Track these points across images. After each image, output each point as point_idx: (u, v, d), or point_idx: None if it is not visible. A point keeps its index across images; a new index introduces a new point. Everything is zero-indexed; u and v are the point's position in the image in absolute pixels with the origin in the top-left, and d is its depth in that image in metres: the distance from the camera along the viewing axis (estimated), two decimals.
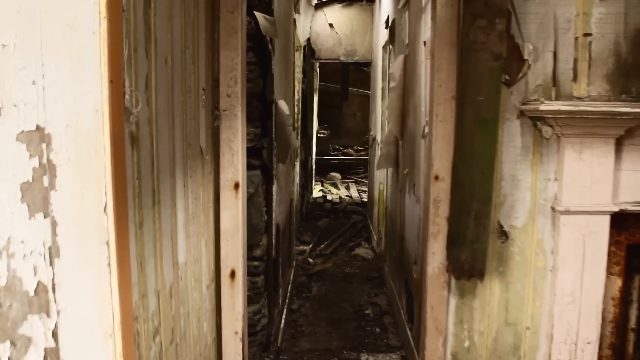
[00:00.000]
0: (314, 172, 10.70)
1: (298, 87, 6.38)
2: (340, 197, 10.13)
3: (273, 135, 3.31)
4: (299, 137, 7.82)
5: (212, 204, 2.36)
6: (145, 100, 1.42)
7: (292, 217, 4.94)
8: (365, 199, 9.90)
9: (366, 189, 10.97)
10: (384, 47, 5.81)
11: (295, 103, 6.42)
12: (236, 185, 2.42)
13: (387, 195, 5.33)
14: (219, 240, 2.42)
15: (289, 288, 4.82)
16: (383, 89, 5.93)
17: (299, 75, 6.25)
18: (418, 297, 3.09)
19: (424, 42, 3.10)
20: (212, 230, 2.34)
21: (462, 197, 2.31)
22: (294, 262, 5.43)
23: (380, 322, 4.34)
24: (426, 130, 3.07)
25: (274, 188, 3.56)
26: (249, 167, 3.25)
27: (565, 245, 2.43)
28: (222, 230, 2.41)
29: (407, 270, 3.80)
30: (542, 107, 2.27)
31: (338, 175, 12.26)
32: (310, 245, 6.47)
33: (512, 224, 2.48)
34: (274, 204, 3.56)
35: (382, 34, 5.85)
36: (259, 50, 3.23)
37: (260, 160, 3.31)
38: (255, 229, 3.30)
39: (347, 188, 11.25)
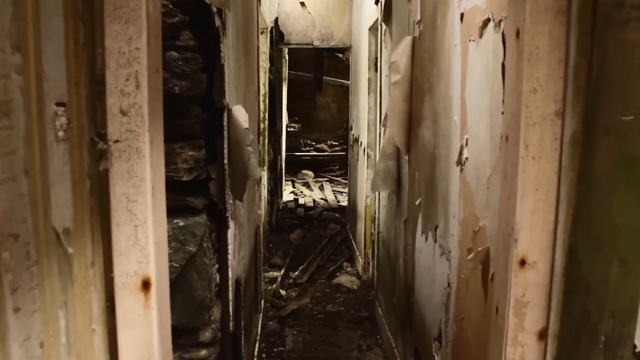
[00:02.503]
0: (283, 172, 9.54)
1: (264, 78, 5.19)
2: (314, 201, 9.01)
3: (225, 160, 2.15)
4: (266, 135, 6.64)
5: (100, 322, 1.20)
6: None
7: (257, 250, 3.79)
8: (343, 202, 8.81)
9: (342, 190, 9.88)
10: (372, 29, 4.67)
11: (261, 99, 5.24)
12: (146, 284, 1.25)
13: (379, 217, 4.21)
14: None
15: (257, 344, 3.68)
16: (370, 81, 4.80)
17: (264, 64, 5.08)
18: None
19: (461, 15, 1.97)
20: None
21: (581, 306, 1.20)
22: (262, 301, 4.29)
23: None
24: (465, 156, 1.95)
25: (231, 233, 2.41)
26: (188, 211, 2.09)
27: None
28: None
29: (419, 340, 2.70)
30: None
31: (311, 174, 11.13)
32: (282, 271, 5.34)
33: None
34: (230, 256, 2.41)
35: (369, 13, 4.70)
36: (201, 29, 2.06)
37: (206, 198, 2.15)
38: (201, 305, 2.15)
39: (321, 188, 10.13)
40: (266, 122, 5.21)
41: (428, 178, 2.55)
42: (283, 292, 4.88)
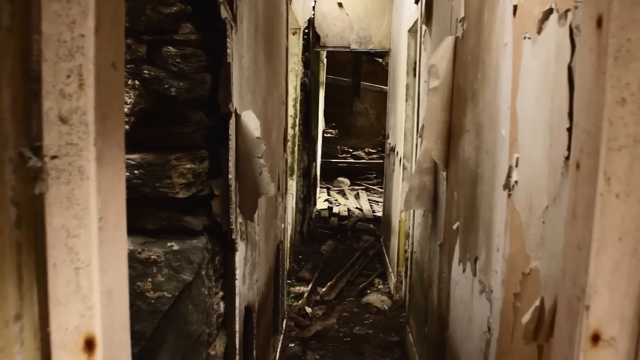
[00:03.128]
0: (318, 179, 9.25)
1: (295, 81, 4.91)
2: (349, 210, 8.68)
3: (231, 174, 1.85)
4: (296, 142, 6.35)
5: None
6: None
7: (279, 268, 3.49)
8: (378, 213, 8.45)
9: (378, 199, 9.52)
10: (411, 30, 4.33)
11: (291, 104, 4.96)
12: (89, 344, 0.96)
13: (413, 235, 3.86)
14: None
15: None
16: (408, 87, 4.46)
17: (296, 66, 4.79)
18: None
19: (514, 7, 1.63)
20: None
21: None
22: (284, 321, 3.99)
23: None
24: (514, 179, 1.61)
25: (240, 256, 2.12)
26: (185, 232, 1.81)
27: None
28: None
29: None
30: None
31: (347, 181, 10.80)
32: (309, 287, 5.03)
33: None
34: (238, 282, 2.12)
35: (408, 13, 4.36)
36: (205, 21, 1.78)
37: (208, 217, 1.86)
38: (197, 342, 1.85)
39: (357, 197, 9.79)
40: (297, 128, 4.93)
41: (468, 200, 2.20)
42: (309, 309, 4.57)
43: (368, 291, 5.08)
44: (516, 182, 1.60)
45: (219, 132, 1.84)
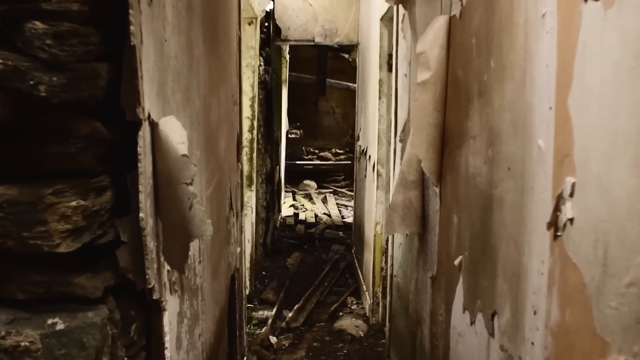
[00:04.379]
0: (283, 184, 8.66)
1: (252, 78, 4.31)
2: (316, 216, 8.12)
3: (144, 211, 1.26)
4: (255, 147, 5.75)
5: None
6: None
7: (234, 304, 2.89)
8: (348, 218, 7.92)
9: (347, 203, 9.00)
10: (384, 18, 3.79)
11: (250, 103, 4.36)
12: None
13: (393, 254, 3.32)
14: None
15: None
16: (381, 82, 3.92)
17: (253, 60, 4.19)
18: None
19: None
20: None
21: None
22: (244, 358, 3.40)
23: None
24: (568, 216, 1.06)
25: (171, 315, 1.53)
26: (77, 300, 1.21)
27: None
28: None
29: None
30: None
31: (313, 184, 10.23)
32: (274, 310, 4.44)
33: None
34: (168, 352, 1.52)
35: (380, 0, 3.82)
36: None
37: (113, 274, 1.26)
38: None
39: (324, 201, 9.23)
40: (255, 131, 4.32)
41: (477, 229, 1.66)
42: (273, 339, 3.99)
43: (341, 313, 4.52)
44: (571, 220, 1.06)
45: (120, 147, 1.24)
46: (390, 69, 3.85)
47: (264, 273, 5.53)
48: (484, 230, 1.59)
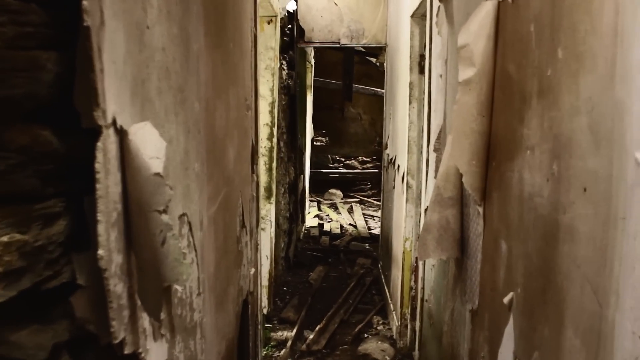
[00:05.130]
0: (307, 193, 8.37)
1: (273, 82, 4.02)
2: (342, 227, 7.80)
3: (104, 246, 0.96)
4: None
5: None
6: None
7: (246, 333, 2.59)
8: (374, 230, 7.58)
9: (374, 214, 8.66)
10: (415, 15, 3.47)
11: (269, 109, 4.08)
12: None
13: (424, 276, 2.98)
14: None
15: None
16: (412, 86, 3.59)
17: (272, 63, 3.90)
18: None
19: None
20: None
21: None
22: None
23: None
24: None
25: None
26: None
27: None
28: None
29: None
30: None
31: (339, 193, 9.91)
32: (294, 331, 4.13)
33: None
34: None
35: None
36: None
37: (69, 325, 0.97)
38: None
39: (350, 211, 8.91)
40: (274, 139, 4.02)
41: (534, 262, 1.33)
42: None
43: (366, 335, 4.19)
44: None
45: (81, 162, 0.95)
46: (421, 71, 3.52)
47: (285, 289, 5.23)
48: (545, 265, 1.26)
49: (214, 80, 1.85)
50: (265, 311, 4.12)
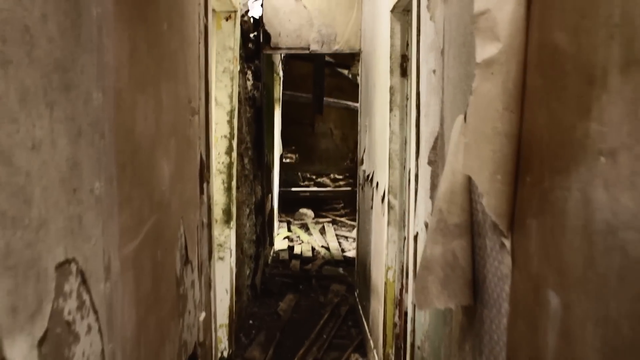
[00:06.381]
0: (275, 214, 7.83)
1: (232, 88, 3.47)
2: (313, 249, 7.27)
3: None
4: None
5: None
6: None
7: None
8: (349, 252, 7.07)
9: (348, 234, 8.16)
10: (396, 10, 3.01)
11: (227, 118, 3.54)
12: None
13: (414, 318, 2.47)
14: None
15: None
16: (393, 90, 3.11)
17: (230, 65, 3.36)
18: None
19: None
20: None
21: None
22: None
23: None
24: None
25: None
26: None
27: None
28: None
29: None
30: None
31: (310, 213, 9.38)
32: None
33: None
34: None
35: None
36: None
37: None
38: None
39: (322, 232, 8.38)
40: (233, 153, 3.48)
41: (625, 335, 0.83)
42: None
43: None
44: None
45: None
46: (404, 74, 3.05)
47: (250, 322, 4.66)
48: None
49: (134, 67, 1.32)
50: (225, 354, 3.55)
